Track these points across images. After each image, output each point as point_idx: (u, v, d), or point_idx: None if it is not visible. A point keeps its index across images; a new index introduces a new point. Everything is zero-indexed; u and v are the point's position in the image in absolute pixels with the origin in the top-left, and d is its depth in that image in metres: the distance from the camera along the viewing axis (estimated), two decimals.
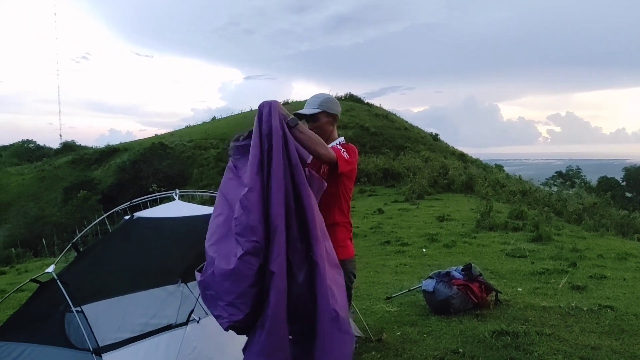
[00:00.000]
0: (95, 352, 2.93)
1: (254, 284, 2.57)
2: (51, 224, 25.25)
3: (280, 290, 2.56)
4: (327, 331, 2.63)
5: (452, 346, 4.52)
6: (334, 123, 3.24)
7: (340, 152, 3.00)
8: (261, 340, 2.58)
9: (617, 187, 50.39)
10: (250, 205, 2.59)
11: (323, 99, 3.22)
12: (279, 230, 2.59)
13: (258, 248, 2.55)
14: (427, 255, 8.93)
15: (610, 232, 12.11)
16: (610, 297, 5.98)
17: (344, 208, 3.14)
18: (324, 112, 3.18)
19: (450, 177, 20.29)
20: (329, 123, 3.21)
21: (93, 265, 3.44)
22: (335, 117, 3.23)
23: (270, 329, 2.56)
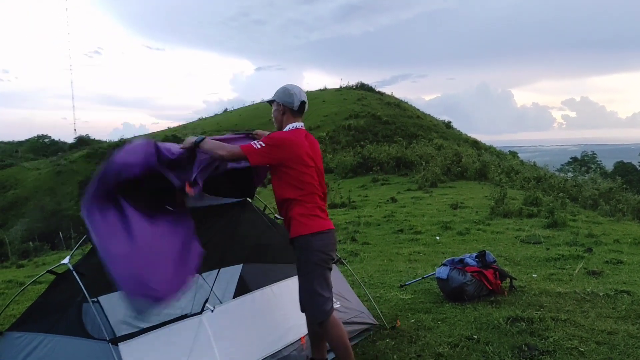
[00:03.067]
0: (111, 342, 2.97)
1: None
2: (68, 218, 25.58)
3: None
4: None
5: (467, 333, 4.51)
6: (285, 111, 3.57)
7: (252, 146, 3.34)
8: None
9: (633, 172, 49.73)
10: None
11: (279, 89, 3.63)
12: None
13: None
14: (440, 243, 8.91)
15: (626, 217, 11.98)
16: (626, 282, 5.92)
17: (296, 185, 3.41)
18: (274, 102, 3.61)
19: (463, 165, 20.17)
20: (278, 111, 3.60)
21: None
22: (284, 107, 3.56)
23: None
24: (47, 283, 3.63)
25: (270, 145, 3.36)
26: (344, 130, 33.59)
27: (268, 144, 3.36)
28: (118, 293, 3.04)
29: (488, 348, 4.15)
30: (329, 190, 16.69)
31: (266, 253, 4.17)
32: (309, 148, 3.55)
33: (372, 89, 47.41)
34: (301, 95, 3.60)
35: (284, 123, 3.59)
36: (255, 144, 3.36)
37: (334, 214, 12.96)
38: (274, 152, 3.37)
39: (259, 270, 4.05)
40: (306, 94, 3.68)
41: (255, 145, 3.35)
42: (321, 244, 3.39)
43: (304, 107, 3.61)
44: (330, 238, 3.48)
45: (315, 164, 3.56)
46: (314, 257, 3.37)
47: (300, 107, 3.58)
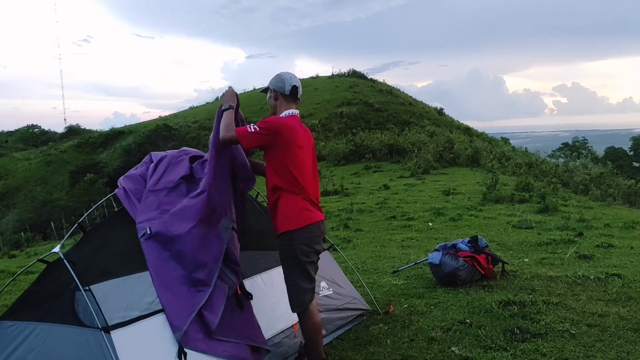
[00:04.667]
0: (104, 330, 2.95)
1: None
2: (59, 208, 25.46)
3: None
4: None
5: (459, 317, 4.54)
6: (278, 98, 3.63)
7: (247, 130, 3.39)
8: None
9: (624, 157, 50.10)
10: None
11: (274, 77, 3.69)
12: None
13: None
14: (433, 229, 8.94)
15: (617, 202, 12.07)
16: (617, 266, 5.98)
17: (287, 171, 3.44)
18: (268, 89, 3.66)
19: (455, 152, 20.21)
20: (272, 98, 3.66)
21: (100, 245, 3.45)
22: (276, 93, 3.62)
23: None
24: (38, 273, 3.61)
25: (264, 128, 3.39)
26: (336, 117, 33.52)
27: (262, 127, 3.39)
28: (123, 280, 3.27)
29: (480, 332, 4.18)
30: (322, 177, 16.69)
31: (257, 241, 4.16)
32: (303, 135, 3.59)
33: (364, 76, 47.27)
34: (292, 80, 3.61)
35: (278, 109, 3.63)
36: (249, 127, 3.40)
37: (326, 202, 12.97)
38: (268, 135, 3.39)
39: (250, 258, 4.04)
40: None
41: (249, 129, 3.39)
42: (305, 237, 3.43)
43: (297, 92, 3.62)
44: (315, 230, 3.49)
45: (312, 154, 3.63)
46: (297, 251, 3.41)
47: (292, 92, 3.60)
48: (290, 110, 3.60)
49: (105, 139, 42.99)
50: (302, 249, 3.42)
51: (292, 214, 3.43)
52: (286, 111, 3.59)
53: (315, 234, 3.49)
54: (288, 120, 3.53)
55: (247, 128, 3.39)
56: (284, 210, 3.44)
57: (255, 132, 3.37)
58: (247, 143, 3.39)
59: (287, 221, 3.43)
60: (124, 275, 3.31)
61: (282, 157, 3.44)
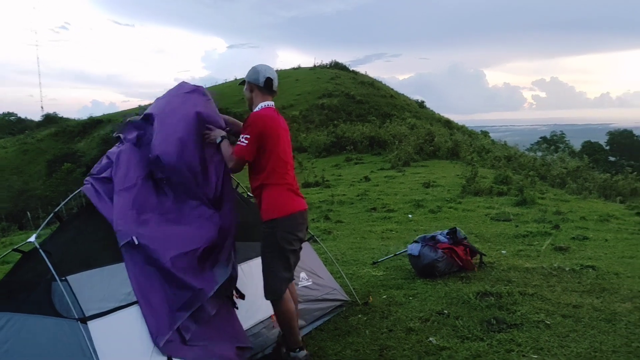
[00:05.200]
0: (80, 321, 2.92)
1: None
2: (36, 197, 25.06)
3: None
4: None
5: (437, 308, 4.60)
6: (252, 89, 3.68)
7: (241, 146, 3.47)
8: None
9: (600, 152, 51.00)
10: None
11: (250, 69, 3.73)
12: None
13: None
14: (412, 221, 9.00)
15: (592, 195, 12.29)
16: (592, 258, 6.09)
17: (270, 165, 3.52)
18: (245, 81, 3.72)
19: (436, 144, 20.32)
20: (248, 89, 3.71)
21: (77, 235, 3.41)
22: (251, 85, 3.67)
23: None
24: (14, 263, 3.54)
25: (251, 134, 3.46)
26: (317, 109, 33.45)
27: (249, 133, 3.46)
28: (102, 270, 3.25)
29: (458, 322, 4.24)
30: (302, 169, 16.66)
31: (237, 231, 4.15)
32: (282, 125, 3.68)
33: (346, 68, 47.21)
34: (266, 72, 3.66)
35: (253, 101, 3.69)
36: (241, 142, 3.48)
37: (307, 193, 12.97)
38: (257, 136, 3.46)
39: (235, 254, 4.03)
40: (279, 73, 3.71)
41: (242, 143, 3.48)
42: (289, 224, 3.49)
43: (271, 84, 3.65)
44: (299, 218, 3.56)
45: (288, 142, 3.69)
46: (280, 239, 3.47)
47: (266, 83, 3.63)
48: (266, 102, 3.65)
49: (83, 127, 42.32)
50: (285, 236, 3.48)
51: (277, 203, 3.50)
52: (261, 103, 3.65)
53: (299, 221, 3.57)
54: (265, 112, 3.59)
55: (240, 143, 3.49)
56: (267, 199, 3.51)
57: (248, 141, 3.46)
58: (250, 156, 3.49)
59: (271, 209, 3.50)
60: (101, 265, 3.28)
61: (265, 152, 3.50)
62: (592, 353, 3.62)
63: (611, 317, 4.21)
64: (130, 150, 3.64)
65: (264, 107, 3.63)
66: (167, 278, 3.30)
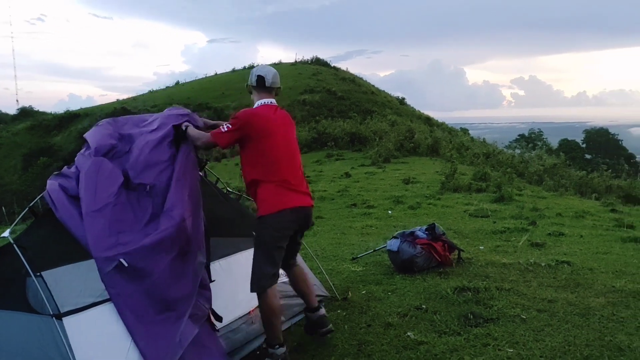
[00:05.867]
0: (55, 317, 2.88)
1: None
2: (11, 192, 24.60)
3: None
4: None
5: (416, 303, 4.64)
6: (251, 90, 3.81)
7: (220, 130, 3.56)
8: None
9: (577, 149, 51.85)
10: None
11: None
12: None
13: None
14: (392, 217, 9.05)
15: (569, 192, 12.49)
16: (567, 253, 6.20)
17: (261, 161, 3.59)
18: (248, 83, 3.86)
19: (416, 141, 20.44)
20: (249, 92, 3.85)
21: (52, 230, 3.35)
22: (249, 86, 3.81)
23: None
24: None
25: (234, 124, 3.53)
26: (299, 105, 33.38)
27: (233, 123, 3.54)
28: (77, 265, 3.17)
29: (436, 317, 4.28)
30: None
31: (216, 227, 4.12)
32: (279, 121, 3.71)
33: (327, 64, 47.18)
34: (259, 71, 3.77)
35: (253, 100, 3.80)
36: (222, 127, 3.58)
37: None
38: (240, 129, 3.53)
39: (210, 244, 4.01)
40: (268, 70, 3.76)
41: (222, 129, 3.57)
42: (275, 221, 3.54)
43: (263, 81, 3.72)
44: (287, 216, 3.58)
45: (286, 138, 3.71)
46: (266, 236, 3.56)
47: (258, 81, 3.72)
48: (263, 100, 3.73)
49: (59, 121, 41.58)
50: (272, 234, 3.55)
51: (266, 200, 3.57)
52: (259, 101, 3.73)
53: (287, 219, 3.58)
54: (259, 109, 3.68)
55: (220, 128, 3.57)
56: (259, 197, 3.60)
57: (228, 129, 3.54)
58: (223, 142, 3.55)
59: (261, 207, 3.59)
60: (77, 261, 3.23)
61: (255, 148, 3.57)
62: (566, 347, 3.68)
63: (585, 311, 4.29)
64: (98, 163, 3.42)
65: (260, 104, 3.71)
66: (151, 298, 3.18)
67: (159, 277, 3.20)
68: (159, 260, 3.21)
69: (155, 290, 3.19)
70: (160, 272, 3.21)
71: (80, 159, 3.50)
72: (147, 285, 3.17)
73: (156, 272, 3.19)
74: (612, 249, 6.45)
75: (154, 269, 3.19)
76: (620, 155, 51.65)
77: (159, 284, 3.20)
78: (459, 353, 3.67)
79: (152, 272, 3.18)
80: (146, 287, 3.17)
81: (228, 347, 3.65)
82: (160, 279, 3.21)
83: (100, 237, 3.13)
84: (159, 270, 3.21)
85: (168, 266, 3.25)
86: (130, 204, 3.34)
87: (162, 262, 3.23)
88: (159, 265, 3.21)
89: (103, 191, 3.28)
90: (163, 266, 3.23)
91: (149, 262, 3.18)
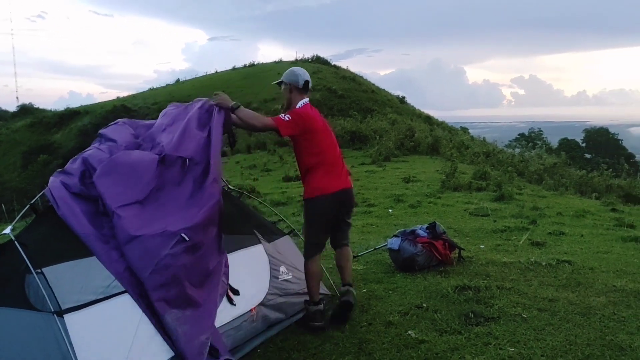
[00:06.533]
0: (57, 314, 2.88)
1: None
2: (10, 189, 24.59)
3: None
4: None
5: (416, 301, 4.63)
6: (292, 90, 4.20)
7: (281, 119, 3.96)
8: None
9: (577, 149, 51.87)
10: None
11: (286, 71, 4.27)
12: None
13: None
14: (393, 216, 9.04)
15: (569, 191, 12.48)
16: (568, 252, 6.19)
17: (313, 152, 4.14)
18: (282, 82, 4.25)
19: (416, 140, 20.43)
20: (286, 90, 4.24)
21: (53, 227, 3.35)
22: (291, 85, 4.19)
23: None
24: None
25: (297, 118, 3.99)
26: None
27: (295, 117, 3.99)
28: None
29: (436, 316, 4.28)
30: (284, 163, 16.63)
31: None
32: (320, 118, 4.30)
33: (327, 62, 47.10)
34: (305, 75, 4.22)
35: (292, 100, 4.19)
36: (283, 117, 3.97)
37: (289, 187, 12.96)
38: (301, 124, 4.00)
39: None
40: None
41: (283, 118, 3.96)
42: (320, 202, 4.12)
43: (308, 85, 4.21)
44: (329, 198, 4.11)
45: (328, 131, 4.32)
46: (311, 214, 4.21)
47: (304, 85, 4.19)
48: (305, 100, 4.20)
49: (59, 119, 41.52)
50: (315, 212, 4.18)
51: (315, 184, 4.12)
52: (302, 101, 4.17)
53: (330, 199, 4.12)
54: (308, 109, 4.15)
55: (281, 117, 3.96)
56: (310, 181, 4.13)
57: (291, 120, 3.96)
58: (285, 131, 3.95)
59: (306, 192, 4.17)
60: (78, 258, 3.22)
61: (308, 141, 4.08)
62: (567, 346, 3.68)
63: (586, 311, 4.29)
64: (128, 153, 3.54)
65: (303, 104, 4.16)
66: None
67: (206, 249, 3.42)
68: (208, 233, 3.45)
69: (202, 261, 3.40)
70: (208, 244, 3.44)
71: (98, 153, 3.56)
72: (199, 256, 3.37)
73: (205, 244, 3.40)
74: (613, 248, 6.45)
75: (204, 242, 3.39)
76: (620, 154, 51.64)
77: (205, 256, 3.43)
78: (460, 352, 3.67)
79: (203, 245, 3.38)
80: (198, 258, 3.36)
81: (230, 344, 3.65)
82: (207, 251, 3.43)
83: (155, 217, 3.30)
84: (208, 242, 3.43)
85: (213, 238, 3.52)
86: (171, 181, 3.51)
87: (210, 234, 3.47)
88: (207, 237, 3.43)
89: (142, 177, 3.41)
90: (210, 238, 3.47)
91: (202, 235, 3.37)
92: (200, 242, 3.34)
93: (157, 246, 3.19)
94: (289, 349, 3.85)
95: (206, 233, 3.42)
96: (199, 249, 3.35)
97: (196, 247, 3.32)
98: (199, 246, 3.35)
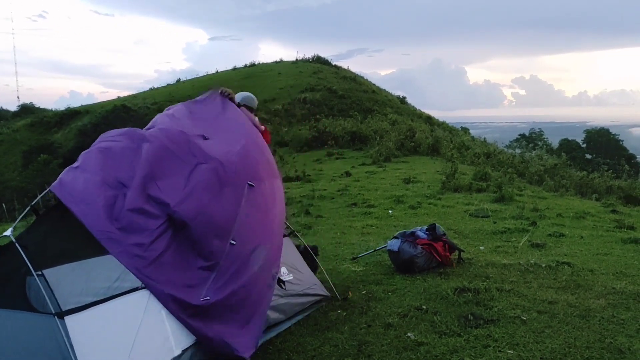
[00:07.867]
0: (57, 315, 2.88)
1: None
2: (11, 189, 24.57)
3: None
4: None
5: (416, 303, 4.63)
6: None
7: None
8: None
9: (577, 149, 51.75)
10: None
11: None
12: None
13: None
14: (393, 217, 9.05)
15: (569, 193, 12.48)
16: (567, 254, 6.20)
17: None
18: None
19: (416, 140, 20.44)
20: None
21: (54, 229, 3.35)
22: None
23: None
24: None
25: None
26: (299, 103, 33.34)
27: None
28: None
29: (436, 318, 4.28)
30: (284, 164, 16.62)
31: None
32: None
33: (328, 62, 47.08)
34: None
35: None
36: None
37: (288, 188, 12.96)
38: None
39: None
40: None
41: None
42: None
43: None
44: None
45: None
46: None
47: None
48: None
49: (60, 118, 41.48)
50: None
51: None
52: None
53: None
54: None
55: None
56: None
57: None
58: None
59: None
60: (79, 259, 3.23)
61: None
62: (566, 349, 3.68)
63: (585, 313, 4.29)
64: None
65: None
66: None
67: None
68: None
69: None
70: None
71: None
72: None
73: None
74: (613, 250, 6.45)
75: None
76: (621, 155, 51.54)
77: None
78: (459, 354, 3.67)
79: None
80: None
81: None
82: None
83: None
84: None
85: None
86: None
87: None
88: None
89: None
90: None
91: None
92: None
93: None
94: (289, 351, 3.86)
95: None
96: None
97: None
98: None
